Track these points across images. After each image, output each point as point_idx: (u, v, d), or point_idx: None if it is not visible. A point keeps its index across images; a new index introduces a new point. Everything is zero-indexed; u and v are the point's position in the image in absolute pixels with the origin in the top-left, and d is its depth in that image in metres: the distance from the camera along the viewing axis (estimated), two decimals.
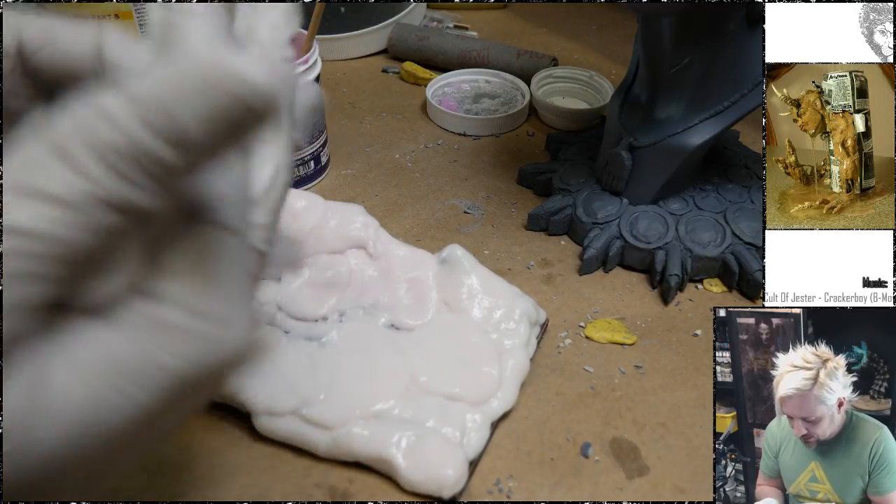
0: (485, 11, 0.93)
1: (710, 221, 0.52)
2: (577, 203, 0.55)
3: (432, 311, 0.45)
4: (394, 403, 0.40)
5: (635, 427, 0.41)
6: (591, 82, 0.72)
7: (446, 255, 0.46)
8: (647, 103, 0.53)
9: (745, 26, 0.47)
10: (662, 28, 0.47)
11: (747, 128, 0.64)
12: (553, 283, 0.52)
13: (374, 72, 0.80)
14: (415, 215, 0.58)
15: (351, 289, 0.46)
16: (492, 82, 0.74)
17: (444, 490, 0.36)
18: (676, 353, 0.46)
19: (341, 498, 0.38)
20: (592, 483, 0.38)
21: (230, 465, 0.39)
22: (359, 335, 0.43)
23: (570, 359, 0.46)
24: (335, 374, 0.41)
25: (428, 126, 0.70)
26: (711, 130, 0.50)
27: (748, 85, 0.49)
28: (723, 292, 0.51)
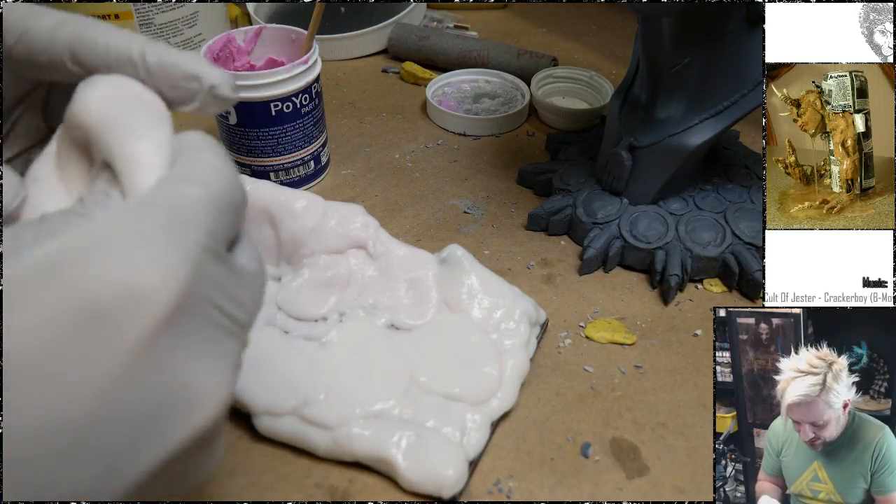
0: (485, 11, 0.93)
1: (710, 221, 0.52)
2: (577, 203, 0.55)
3: (432, 311, 0.45)
4: (394, 403, 0.40)
5: (635, 427, 0.41)
6: (591, 82, 0.72)
7: (446, 255, 0.46)
8: (647, 103, 0.53)
9: (745, 26, 0.47)
10: (662, 28, 0.47)
11: (747, 128, 0.64)
12: (553, 283, 0.52)
13: (374, 72, 0.80)
14: (415, 215, 0.58)
15: (351, 289, 0.46)
16: (492, 82, 0.74)
17: (444, 490, 0.36)
18: (676, 353, 0.46)
19: (341, 498, 0.38)
20: (592, 483, 0.38)
21: (230, 465, 0.39)
22: (359, 335, 0.43)
23: (570, 359, 0.46)
24: (335, 374, 0.41)
25: (428, 126, 0.70)
26: (711, 130, 0.50)
27: (748, 85, 0.49)
28: (723, 292, 0.51)
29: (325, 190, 0.61)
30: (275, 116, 0.55)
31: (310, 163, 0.60)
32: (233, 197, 0.24)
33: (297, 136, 0.57)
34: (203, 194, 0.22)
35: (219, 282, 0.22)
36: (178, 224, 0.21)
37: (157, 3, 0.72)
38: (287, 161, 0.58)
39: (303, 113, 0.57)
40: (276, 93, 0.54)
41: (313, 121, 0.58)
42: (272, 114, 0.55)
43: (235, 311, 0.23)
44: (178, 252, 0.20)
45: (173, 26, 0.75)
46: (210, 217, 0.22)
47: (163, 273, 0.19)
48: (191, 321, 0.21)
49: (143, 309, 0.19)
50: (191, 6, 0.75)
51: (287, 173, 0.59)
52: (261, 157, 0.57)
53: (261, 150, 0.57)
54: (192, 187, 0.22)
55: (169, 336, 0.20)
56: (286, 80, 0.54)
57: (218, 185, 0.23)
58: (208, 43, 0.57)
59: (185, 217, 0.21)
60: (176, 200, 0.22)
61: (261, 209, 0.48)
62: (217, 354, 0.22)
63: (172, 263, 0.20)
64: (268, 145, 0.57)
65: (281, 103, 0.55)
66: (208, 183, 0.23)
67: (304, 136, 0.58)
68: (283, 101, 0.55)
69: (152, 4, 0.72)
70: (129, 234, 0.20)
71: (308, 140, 0.58)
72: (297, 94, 0.55)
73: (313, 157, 0.60)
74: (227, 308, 0.22)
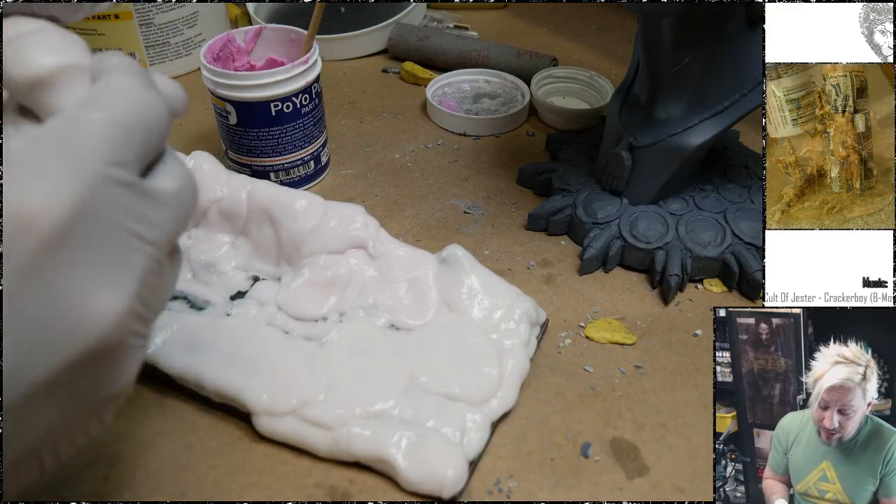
0: (485, 11, 0.93)
1: (710, 221, 0.52)
2: (577, 203, 0.55)
3: (432, 311, 0.45)
4: (394, 403, 0.40)
5: (635, 427, 0.41)
6: (591, 82, 0.72)
7: (446, 255, 0.46)
8: (647, 103, 0.53)
9: (745, 26, 0.47)
10: (662, 28, 0.47)
11: (747, 128, 0.64)
12: (553, 283, 0.52)
13: (374, 72, 0.80)
14: (415, 215, 0.58)
15: (351, 289, 0.46)
16: (492, 82, 0.74)
17: (444, 490, 0.36)
18: (676, 353, 0.46)
19: (341, 498, 0.38)
20: (592, 483, 0.38)
21: (230, 465, 0.39)
22: (359, 335, 0.43)
23: (570, 359, 0.46)
24: (335, 374, 0.41)
25: (428, 126, 0.70)
26: (711, 130, 0.50)
27: (748, 85, 0.49)
28: (723, 292, 0.51)
29: (325, 190, 0.61)
30: (275, 116, 0.55)
31: (310, 163, 0.60)
32: (143, 118, 0.25)
33: (297, 136, 0.57)
34: (105, 118, 0.24)
35: (123, 203, 0.23)
36: (71, 150, 0.22)
37: (157, 3, 0.72)
38: (287, 161, 0.58)
39: (303, 113, 0.57)
40: (276, 93, 0.54)
41: (313, 121, 0.58)
42: (272, 114, 0.55)
43: (144, 230, 0.24)
44: (66, 178, 0.22)
45: (173, 26, 0.75)
46: (112, 141, 0.23)
47: (47, 199, 0.21)
48: (85, 242, 0.22)
49: (28, 233, 0.21)
50: (191, 6, 0.75)
51: (287, 173, 0.59)
52: (261, 157, 0.57)
53: (261, 150, 0.57)
54: (95, 112, 0.24)
55: (57, 257, 0.22)
56: (286, 80, 0.54)
57: (126, 108, 0.24)
58: (208, 43, 0.57)
59: (81, 143, 0.23)
60: (75, 126, 0.23)
61: (261, 209, 0.48)
62: (117, 273, 0.23)
63: (59, 190, 0.21)
64: (268, 145, 0.57)
65: (281, 103, 0.55)
66: (115, 106, 0.24)
67: (304, 136, 0.58)
68: (283, 101, 0.55)
69: (152, 4, 0.72)
70: (22, 164, 0.22)
71: (308, 140, 0.58)
72: (297, 94, 0.55)
73: (313, 157, 0.60)
74: (135, 228, 0.24)
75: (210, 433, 0.41)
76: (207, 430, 0.41)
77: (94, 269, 0.23)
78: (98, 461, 0.39)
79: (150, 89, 0.26)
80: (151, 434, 0.41)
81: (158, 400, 0.43)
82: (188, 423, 0.41)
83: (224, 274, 0.48)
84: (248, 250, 0.49)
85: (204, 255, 0.48)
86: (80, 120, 0.23)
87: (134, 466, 0.39)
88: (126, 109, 0.24)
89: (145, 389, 0.43)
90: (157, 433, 0.41)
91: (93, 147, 0.23)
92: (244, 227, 0.49)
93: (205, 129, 0.69)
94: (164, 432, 0.41)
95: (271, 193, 0.48)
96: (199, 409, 0.42)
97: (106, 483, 0.38)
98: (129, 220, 0.24)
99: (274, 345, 0.42)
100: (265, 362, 0.41)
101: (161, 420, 0.41)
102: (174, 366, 0.41)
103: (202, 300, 0.46)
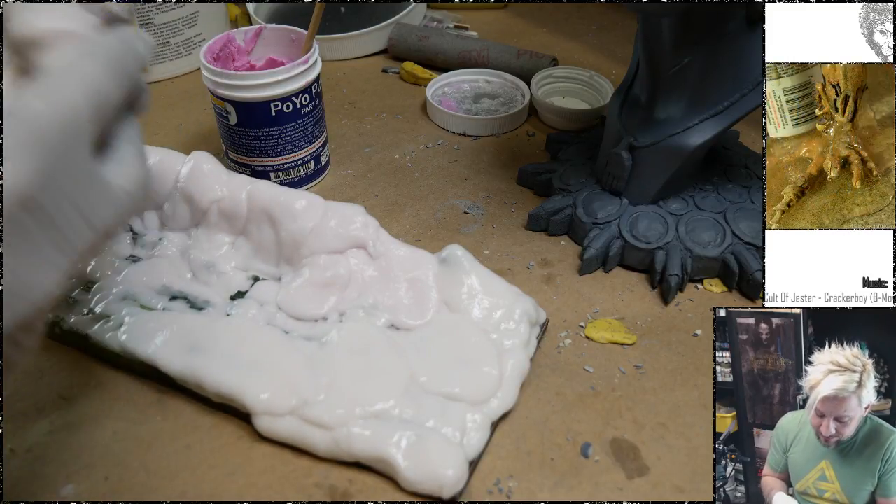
0: (485, 11, 0.93)
1: (710, 221, 0.52)
2: (577, 203, 0.55)
3: (432, 311, 0.45)
4: (394, 403, 0.40)
5: (635, 427, 0.41)
6: (591, 82, 0.72)
7: (446, 255, 0.46)
8: (647, 103, 0.53)
9: (744, 26, 0.47)
10: (662, 28, 0.47)
11: (747, 128, 0.64)
12: (553, 283, 0.52)
13: (374, 72, 0.80)
14: (415, 215, 0.58)
15: (351, 289, 0.46)
16: (492, 82, 0.74)
17: (444, 490, 0.36)
18: (676, 353, 0.46)
19: (341, 498, 0.38)
20: (592, 483, 0.38)
21: (230, 465, 0.39)
22: (359, 335, 0.43)
23: (570, 359, 0.46)
24: (335, 374, 0.41)
25: (428, 126, 0.70)
26: (711, 130, 0.50)
27: (748, 85, 0.49)
28: (723, 292, 0.51)
29: (325, 190, 0.61)
30: (275, 116, 0.55)
31: (310, 163, 0.60)
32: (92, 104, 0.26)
33: (297, 136, 0.57)
34: (46, 110, 0.24)
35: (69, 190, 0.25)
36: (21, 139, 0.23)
37: (157, 3, 0.72)
38: (287, 161, 0.58)
39: (303, 113, 0.57)
40: (276, 93, 0.54)
41: (313, 121, 0.58)
42: (272, 114, 0.55)
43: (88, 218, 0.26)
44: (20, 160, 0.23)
45: (173, 26, 0.75)
46: (47, 136, 0.24)
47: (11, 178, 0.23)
48: (28, 225, 0.24)
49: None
50: (191, 6, 0.75)
51: (287, 173, 0.59)
52: (261, 157, 0.57)
53: (261, 150, 0.57)
54: (36, 101, 0.24)
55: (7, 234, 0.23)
56: (286, 80, 0.54)
57: (70, 99, 0.25)
58: (208, 43, 0.57)
59: (9, 140, 0.23)
60: (20, 115, 0.24)
61: (261, 209, 0.48)
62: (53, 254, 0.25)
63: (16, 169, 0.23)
64: (268, 145, 0.57)
65: (281, 103, 0.55)
66: (58, 97, 0.25)
67: (304, 136, 0.58)
68: (283, 101, 0.55)
69: (152, 4, 0.72)
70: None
71: (308, 140, 0.58)
72: (297, 94, 0.55)
73: (313, 157, 0.60)
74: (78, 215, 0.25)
75: (210, 433, 0.41)
76: (207, 430, 0.41)
77: (33, 248, 0.24)
78: (98, 461, 0.39)
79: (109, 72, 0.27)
80: (151, 434, 0.41)
81: (158, 400, 0.43)
82: (188, 423, 0.41)
83: (224, 274, 0.48)
84: (248, 250, 0.49)
85: (204, 255, 0.48)
86: (25, 108, 0.24)
87: (134, 466, 0.39)
88: (70, 100, 0.25)
89: (145, 389, 0.43)
90: (156, 433, 0.41)
91: (25, 144, 0.24)
92: (244, 227, 0.49)
93: (205, 129, 0.69)
94: (163, 432, 0.41)
95: (271, 193, 0.48)
96: (199, 409, 0.42)
97: (106, 483, 0.38)
98: (72, 208, 0.25)
99: (274, 345, 0.42)
100: (265, 362, 0.41)
101: (161, 420, 0.41)
102: (174, 366, 0.41)
103: (202, 300, 0.46)
